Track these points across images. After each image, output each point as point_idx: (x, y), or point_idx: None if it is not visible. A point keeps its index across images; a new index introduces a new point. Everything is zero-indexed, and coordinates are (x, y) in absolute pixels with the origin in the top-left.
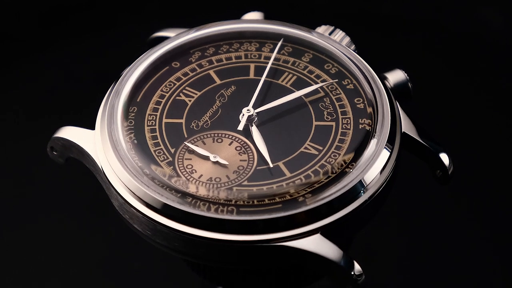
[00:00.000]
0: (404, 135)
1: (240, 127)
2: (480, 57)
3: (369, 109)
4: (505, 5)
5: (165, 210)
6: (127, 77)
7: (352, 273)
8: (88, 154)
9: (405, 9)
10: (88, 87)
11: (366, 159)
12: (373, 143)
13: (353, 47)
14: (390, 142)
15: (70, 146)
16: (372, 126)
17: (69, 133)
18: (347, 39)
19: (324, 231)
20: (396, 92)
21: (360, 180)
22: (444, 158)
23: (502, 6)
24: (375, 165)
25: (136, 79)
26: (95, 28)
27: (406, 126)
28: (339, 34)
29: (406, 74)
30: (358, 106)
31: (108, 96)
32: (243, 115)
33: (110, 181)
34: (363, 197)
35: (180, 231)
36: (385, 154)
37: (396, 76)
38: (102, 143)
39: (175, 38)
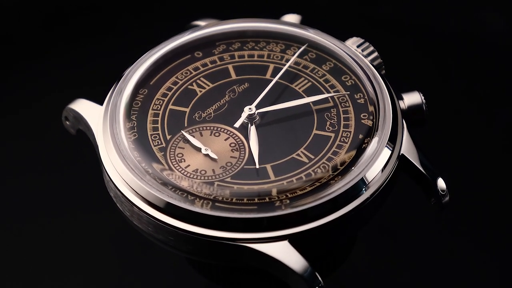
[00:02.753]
0: (402, 157)
1: (237, 124)
2: (481, 60)
3: (371, 108)
4: (506, 8)
5: (143, 194)
6: (138, 65)
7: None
8: (91, 129)
9: (405, 13)
10: (91, 88)
11: (366, 158)
12: (374, 141)
13: (378, 61)
14: (392, 141)
15: (79, 118)
16: (374, 124)
17: (79, 105)
18: (375, 54)
19: (293, 239)
20: (409, 114)
21: (355, 182)
22: (440, 184)
23: (504, 8)
24: (376, 164)
25: (147, 68)
26: (97, 30)
27: (406, 148)
28: (367, 48)
29: (423, 97)
30: (362, 121)
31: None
32: (244, 113)
33: (102, 158)
34: (349, 206)
35: (152, 216)
36: (386, 152)
37: (412, 98)
38: (103, 115)
39: (202, 28)
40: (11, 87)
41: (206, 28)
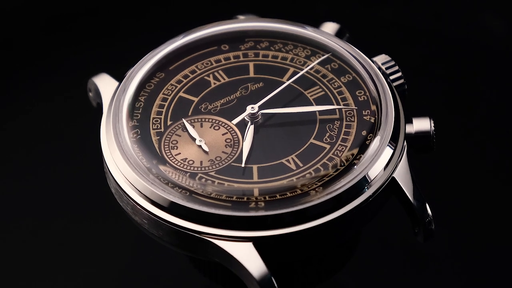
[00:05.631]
0: (393, 181)
1: (235, 120)
2: (482, 65)
3: (373, 107)
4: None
5: (126, 174)
6: (159, 50)
7: None
8: (102, 102)
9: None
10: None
11: (369, 156)
12: (376, 139)
13: (401, 81)
14: (394, 140)
15: (97, 91)
16: (375, 121)
17: (100, 79)
18: (398, 74)
19: (258, 243)
20: (416, 139)
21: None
22: (425, 213)
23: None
24: (377, 162)
25: (170, 52)
26: (99, 34)
27: (401, 172)
28: (391, 66)
29: (432, 125)
30: (361, 137)
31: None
32: (246, 111)
33: (101, 144)
34: (318, 221)
35: (130, 197)
36: (388, 150)
37: (421, 124)
38: (115, 88)
39: (234, 22)
40: (11, 91)
41: (238, 22)
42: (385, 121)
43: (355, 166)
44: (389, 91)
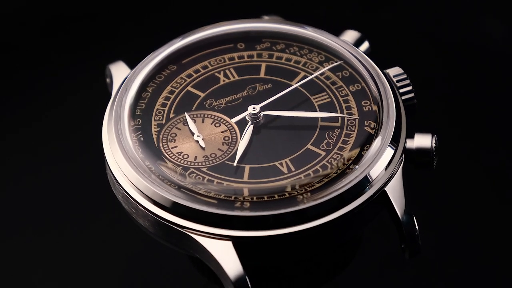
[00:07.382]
0: (383, 194)
1: (235, 119)
2: (483, 68)
3: (374, 107)
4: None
5: (119, 162)
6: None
7: None
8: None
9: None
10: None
11: (370, 156)
12: (377, 140)
13: (410, 95)
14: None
15: (112, 78)
16: (376, 128)
17: (115, 67)
18: (408, 88)
19: (238, 243)
20: (416, 156)
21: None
22: (413, 229)
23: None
24: (377, 163)
25: (183, 46)
26: (99, 38)
27: (393, 187)
28: (402, 80)
29: (434, 142)
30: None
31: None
32: (247, 110)
33: (102, 131)
34: (297, 227)
35: (121, 186)
36: (389, 151)
37: (422, 140)
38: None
39: (253, 21)
40: (11, 91)
41: (258, 22)
42: (386, 122)
43: (357, 166)
44: (391, 93)
